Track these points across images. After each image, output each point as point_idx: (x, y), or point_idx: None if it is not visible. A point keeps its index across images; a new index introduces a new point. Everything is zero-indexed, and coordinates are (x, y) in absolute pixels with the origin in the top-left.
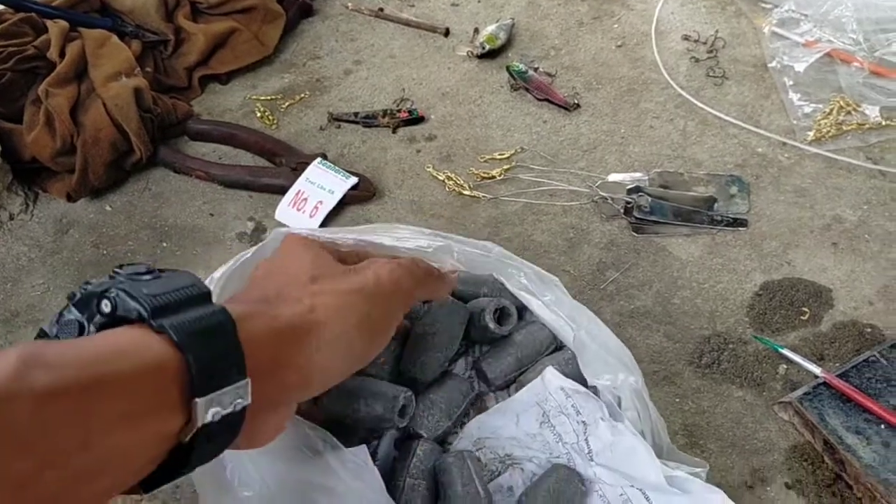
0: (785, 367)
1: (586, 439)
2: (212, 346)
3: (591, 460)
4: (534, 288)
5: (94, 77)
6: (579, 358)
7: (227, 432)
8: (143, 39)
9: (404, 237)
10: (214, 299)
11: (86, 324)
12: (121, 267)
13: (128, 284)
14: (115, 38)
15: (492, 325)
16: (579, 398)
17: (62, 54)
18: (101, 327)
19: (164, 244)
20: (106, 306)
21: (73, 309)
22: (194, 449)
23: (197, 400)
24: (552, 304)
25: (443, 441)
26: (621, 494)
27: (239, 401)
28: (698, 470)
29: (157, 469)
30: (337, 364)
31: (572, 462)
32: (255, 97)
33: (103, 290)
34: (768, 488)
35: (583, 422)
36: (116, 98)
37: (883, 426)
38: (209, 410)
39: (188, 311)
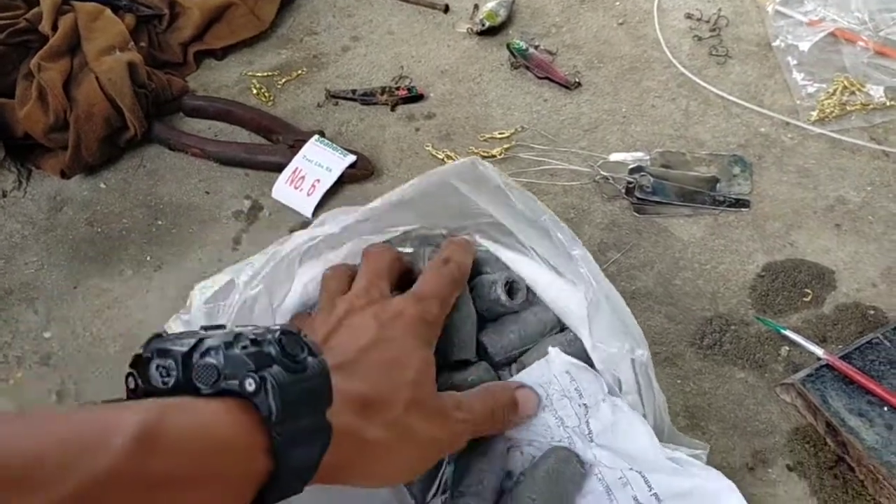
0: (787, 348)
1: (587, 421)
2: (300, 458)
3: (592, 441)
4: (562, 239)
5: (88, 51)
6: (591, 319)
7: None
8: (137, 13)
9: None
10: (238, 295)
11: (222, 378)
12: (284, 334)
13: (281, 375)
14: (108, 11)
15: (503, 298)
16: (583, 379)
17: (55, 27)
18: (220, 392)
19: (160, 222)
20: (250, 385)
21: (219, 353)
22: None
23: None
24: (580, 259)
25: None
26: (620, 478)
27: None
28: (699, 452)
29: None
30: (368, 482)
31: (573, 445)
32: (251, 73)
33: (258, 365)
34: (770, 470)
35: (584, 404)
36: (110, 72)
37: (886, 409)
38: None
39: (301, 420)
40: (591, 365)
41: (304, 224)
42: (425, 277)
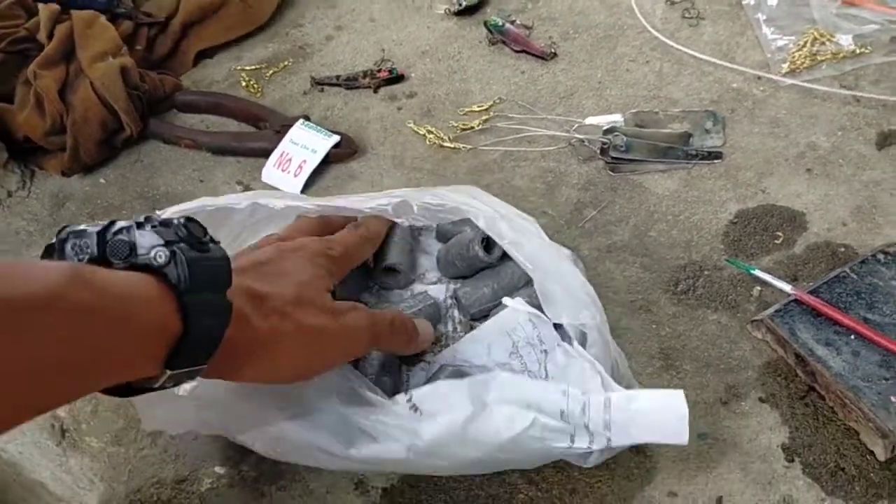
0: (759, 289)
1: (545, 366)
2: (206, 327)
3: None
4: (496, 230)
5: (82, 58)
6: (542, 300)
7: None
8: (136, 21)
9: (363, 201)
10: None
11: (134, 250)
12: (190, 220)
13: (188, 251)
14: (102, 18)
15: (481, 254)
16: (543, 327)
17: (51, 36)
18: (132, 266)
19: (157, 211)
20: (160, 258)
21: (131, 231)
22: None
23: (167, 372)
24: (511, 247)
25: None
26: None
27: (187, 385)
28: None
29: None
30: (272, 377)
31: None
32: (240, 68)
33: (167, 240)
34: (742, 403)
35: (544, 350)
36: (103, 77)
37: (853, 336)
38: (167, 382)
39: (205, 293)
40: None
41: None
42: (339, 233)
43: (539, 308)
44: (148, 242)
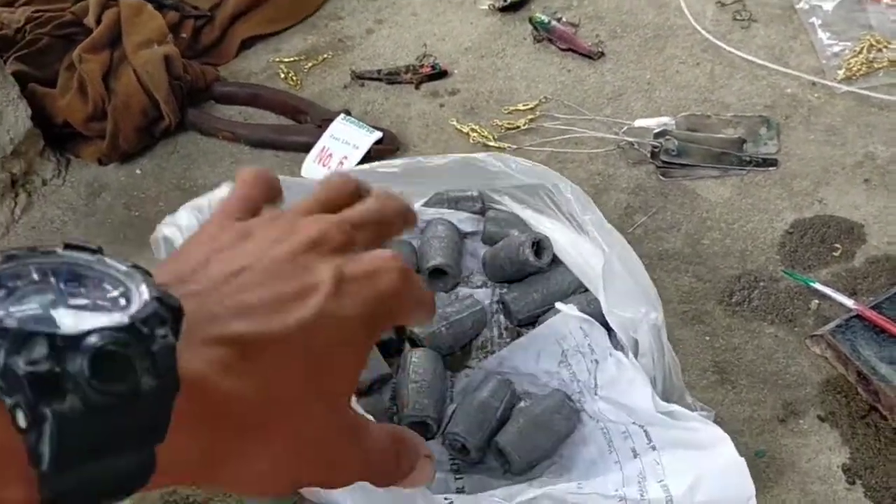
0: (817, 302)
1: (595, 375)
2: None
3: (596, 394)
4: (573, 206)
5: (127, 45)
6: (606, 284)
7: None
8: (182, 13)
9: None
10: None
11: None
12: (106, 346)
13: (74, 411)
14: (149, 6)
15: (531, 258)
16: (595, 335)
17: (98, 21)
18: None
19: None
20: (21, 420)
21: None
22: None
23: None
24: (589, 224)
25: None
26: (623, 431)
27: None
28: (702, 413)
29: None
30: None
31: (583, 398)
32: (278, 59)
33: (38, 397)
34: (801, 421)
35: (595, 360)
36: (147, 65)
37: None
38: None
39: (90, 466)
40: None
41: None
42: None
43: (594, 315)
44: (12, 387)
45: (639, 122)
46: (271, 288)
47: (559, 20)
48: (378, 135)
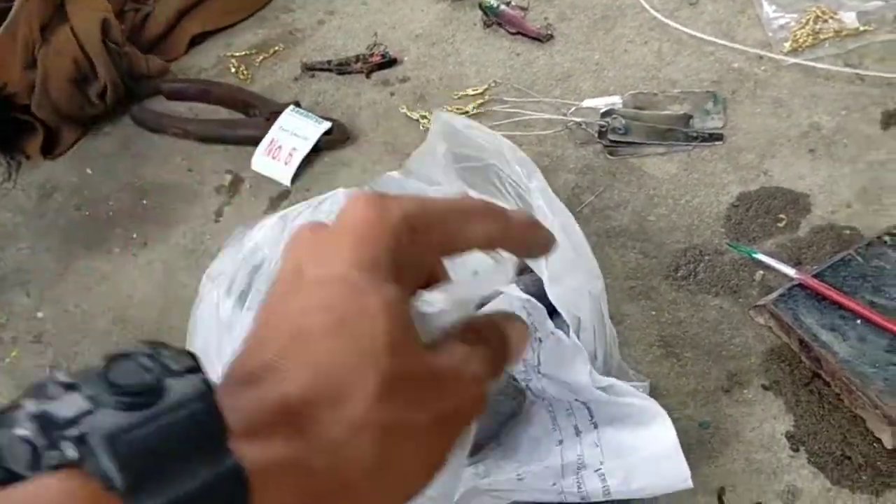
0: (762, 273)
1: (539, 354)
2: None
3: (539, 372)
4: (521, 176)
5: (70, 9)
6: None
7: None
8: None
9: None
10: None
11: (40, 453)
12: (108, 364)
13: (108, 420)
14: None
15: None
16: (537, 314)
17: None
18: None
19: (145, 202)
20: (70, 451)
21: (26, 419)
22: None
23: None
24: (537, 191)
25: None
26: (567, 409)
27: None
28: (637, 384)
29: None
30: None
31: (528, 377)
32: (229, 54)
33: (73, 416)
34: (745, 391)
35: (539, 338)
36: (83, 22)
37: (859, 321)
38: None
39: (175, 475)
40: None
41: (284, 193)
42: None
43: (535, 295)
44: (50, 430)
45: (587, 103)
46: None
47: (508, 4)
48: (327, 125)
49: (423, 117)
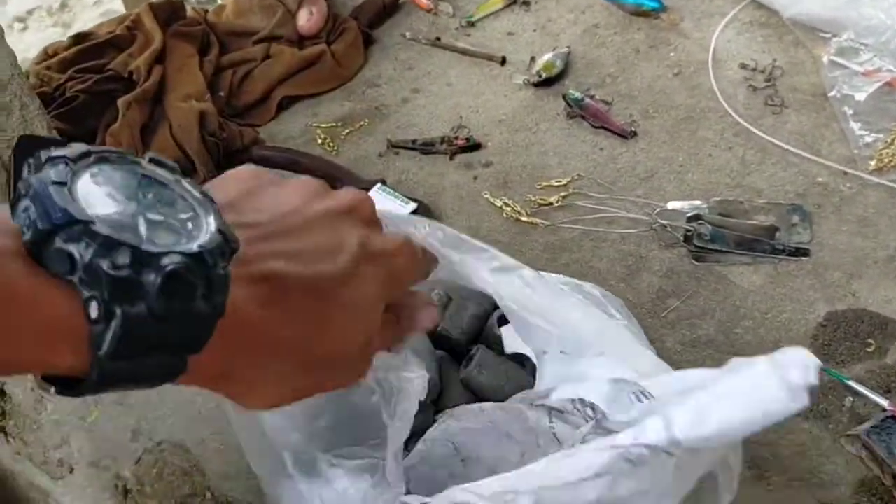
0: (851, 399)
1: None
2: (128, 380)
3: None
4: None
5: (168, 101)
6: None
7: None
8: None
9: None
10: None
11: (75, 267)
12: (174, 274)
13: (139, 317)
14: (193, 60)
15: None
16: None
17: (148, 76)
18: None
19: None
20: (92, 310)
21: (88, 247)
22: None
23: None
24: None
25: None
26: None
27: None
28: None
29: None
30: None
31: None
32: (315, 124)
33: (113, 296)
34: None
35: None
36: (181, 119)
37: None
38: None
39: (139, 360)
40: None
41: None
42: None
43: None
44: (94, 279)
45: (671, 205)
46: (309, 239)
47: (592, 97)
48: (413, 206)
49: (507, 204)
